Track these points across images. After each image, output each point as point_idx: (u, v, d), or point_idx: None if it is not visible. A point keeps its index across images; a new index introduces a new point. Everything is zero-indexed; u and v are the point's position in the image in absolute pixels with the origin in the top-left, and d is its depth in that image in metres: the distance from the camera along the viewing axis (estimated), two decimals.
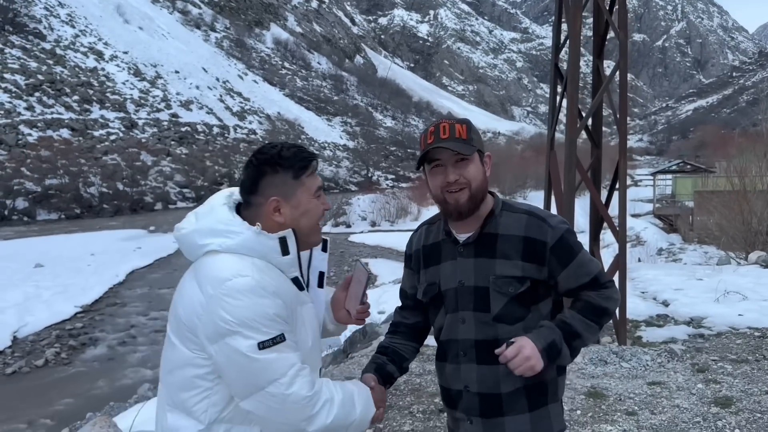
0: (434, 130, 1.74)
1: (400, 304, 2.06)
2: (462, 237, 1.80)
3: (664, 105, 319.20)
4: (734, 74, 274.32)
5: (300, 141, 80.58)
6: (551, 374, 1.78)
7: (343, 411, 1.56)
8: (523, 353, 1.60)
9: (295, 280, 1.60)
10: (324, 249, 1.78)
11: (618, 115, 5.63)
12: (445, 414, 4.34)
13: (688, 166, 41.31)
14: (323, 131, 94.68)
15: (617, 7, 5.62)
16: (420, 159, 1.78)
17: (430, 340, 6.16)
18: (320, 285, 1.76)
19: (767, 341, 5.91)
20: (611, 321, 6.17)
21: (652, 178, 45.70)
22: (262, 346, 1.44)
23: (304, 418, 1.49)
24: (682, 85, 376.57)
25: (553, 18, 6.38)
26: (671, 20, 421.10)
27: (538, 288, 1.75)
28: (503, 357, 1.63)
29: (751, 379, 4.79)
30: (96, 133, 53.69)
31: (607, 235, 12.38)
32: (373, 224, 39.05)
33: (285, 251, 1.55)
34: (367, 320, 1.86)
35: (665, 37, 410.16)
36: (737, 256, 16.37)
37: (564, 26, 5.94)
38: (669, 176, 42.51)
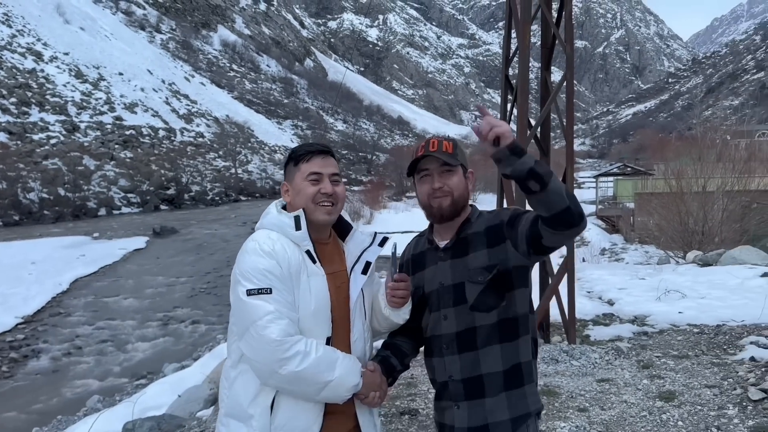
0: (424, 144, 2.00)
1: None
2: (442, 244, 2.04)
3: (605, 109, 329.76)
4: (670, 80, 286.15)
5: (249, 144, 79.47)
6: (525, 357, 1.94)
7: (317, 368, 1.77)
8: (501, 122, 1.69)
9: (308, 253, 1.90)
10: (380, 244, 2.07)
11: (565, 125, 5.88)
12: (406, 417, 4.45)
13: (629, 169, 42.75)
14: (273, 134, 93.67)
15: (564, 21, 5.88)
16: (410, 168, 2.03)
17: None
18: (364, 272, 2.01)
19: (705, 337, 6.26)
20: (561, 320, 6.41)
21: (594, 180, 47.19)
22: (249, 293, 1.79)
23: (275, 360, 1.74)
24: (621, 90, 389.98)
25: (503, 31, 6.59)
26: (611, 28, 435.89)
27: (510, 275, 1.92)
28: (483, 111, 1.74)
29: (692, 374, 5.08)
30: (35, 137, 51.45)
31: None
32: None
33: (298, 227, 1.89)
34: None
35: (605, 44, 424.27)
36: (676, 255, 17.12)
37: (513, 38, 6.16)
38: (610, 178, 43.96)
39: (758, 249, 11.78)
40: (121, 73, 76.10)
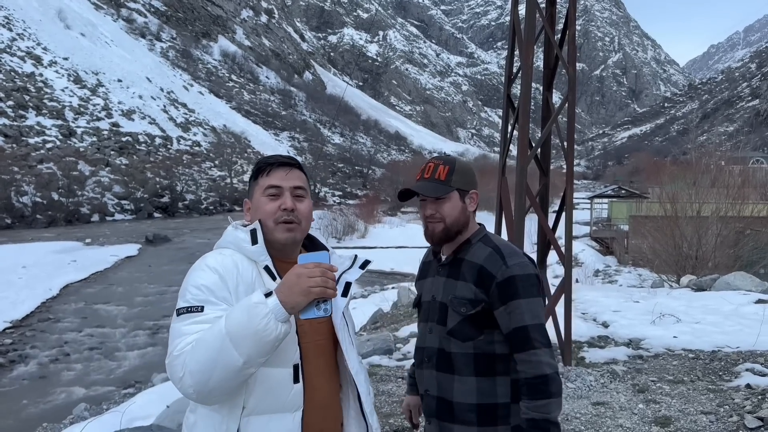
0: (423, 167, 2.04)
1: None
2: (442, 258, 2.07)
3: (600, 132, 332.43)
4: (666, 105, 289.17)
5: (246, 154, 79.55)
6: (503, 398, 1.91)
7: (202, 346, 1.44)
8: None
9: (267, 269, 1.66)
10: (361, 267, 1.82)
11: (566, 147, 5.90)
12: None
13: (623, 191, 42.97)
14: (270, 145, 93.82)
15: (567, 42, 5.92)
16: (404, 193, 2.03)
17: (384, 361, 6.19)
18: (344, 294, 1.75)
19: (700, 362, 6.23)
20: (557, 342, 6.37)
21: (589, 201, 47.36)
22: (179, 312, 1.55)
23: (176, 380, 1.47)
24: (617, 113, 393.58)
25: (502, 51, 6.63)
26: (609, 51, 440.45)
27: (492, 316, 1.89)
28: None
29: (687, 399, 5.05)
30: (31, 141, 51.41)
31: (549, 256, 12.74)
32: None
33: (254, 241, 1.67)
34: None
35: (603, 67, 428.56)
36: (669, 279, 17.14)
37: (516, 59, 6.20)
38: (605, 200, 44.14)
39: (752, 275, 11.79)
40: (119, 80, 76.35)
